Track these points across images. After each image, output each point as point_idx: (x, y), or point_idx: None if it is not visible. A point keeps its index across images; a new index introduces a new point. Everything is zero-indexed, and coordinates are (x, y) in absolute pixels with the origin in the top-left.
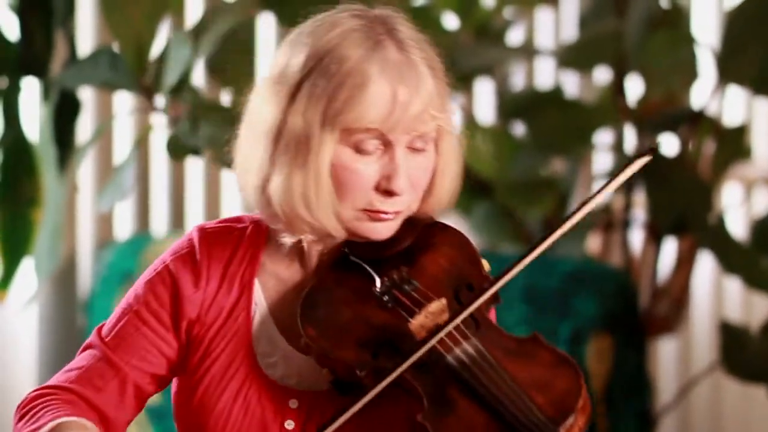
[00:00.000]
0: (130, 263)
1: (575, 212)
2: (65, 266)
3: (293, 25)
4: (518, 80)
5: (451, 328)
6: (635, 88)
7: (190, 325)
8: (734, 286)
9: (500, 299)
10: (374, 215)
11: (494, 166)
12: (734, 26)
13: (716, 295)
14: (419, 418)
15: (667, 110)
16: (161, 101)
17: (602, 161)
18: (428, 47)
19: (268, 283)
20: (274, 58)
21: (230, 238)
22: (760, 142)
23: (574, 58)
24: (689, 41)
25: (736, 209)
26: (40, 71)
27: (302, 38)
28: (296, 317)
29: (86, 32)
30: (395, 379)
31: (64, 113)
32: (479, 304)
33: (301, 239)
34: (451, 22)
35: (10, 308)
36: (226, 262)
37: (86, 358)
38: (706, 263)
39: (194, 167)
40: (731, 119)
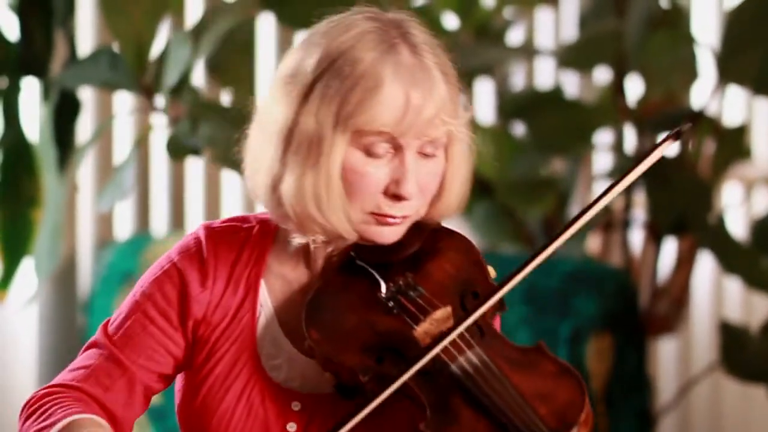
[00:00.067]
0: (130, 263)
1: (603, 196)
2: (65, 266)
3: (293, 25)
4: (518, 80)
5: (455, 335)
6: (635, 88)
7: (196, 324)
8: (734, 286)
9: (505, 307)
10: (382, 219)
11: (494, 166)
12: (734, 26)
13: (716, 295)
14: (422, 426)
15: (667, 110)
16: (161, 101)
17: (602, 161)
18: (441, 52)
19: (274, 284)
20: (286, 58)
21: (237, 238)
22: (760, 142)
23: (574, 58)
24: (689, 41)
25: (736, 209)
26: (40, 71)
27: (316, 39)
28: (301, 320)
29: (86, 32)
30: (399, 386)
31: (64, 113)
32: (484, 311)
33: (308, 241)
34: (451, 22)
35: (10, 308)
36: (232, 262)
37: (93, 356)
38: (706, 263)
39: (194, 167)
40: (731, 119)
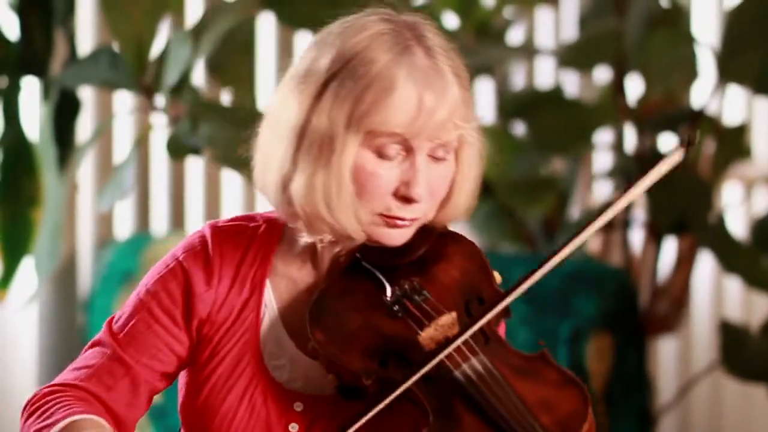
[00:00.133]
0: (130, 263)
1: (608, 207)
2: (65, 266)
3: (293, 24)
4: (518, 80)
5: (460, 342)
6: (635, 87)
7: (200, 323)
8: (734, 285)
9: (510, 313)
10: (390, 221)
11: (494, 165)
12: (734, 26)
13: (716, 294)
14: (425, 431)
15: (667, 110)
16: (161, 101)
17: (602, 161)
18: (455, 56)
19: (279, 284)
20: (299, 56)
21: (243, 237)
22: (760, 141)
23: (574, 57)
24: (689, 40)
25: (736, 208)
26: (40, 70)
27: (330, 39)
28: (305, 321)
29: (86, 31)
30: (403, 391)
31: (64, 112)
32: (489, 318)
33: (315, 241)
34: (451, 21)
35: (10, 307)
36: (238, 261)
37: (96, 355)
38: (706, 263)
39: (194, 167)
40: (731, 119)
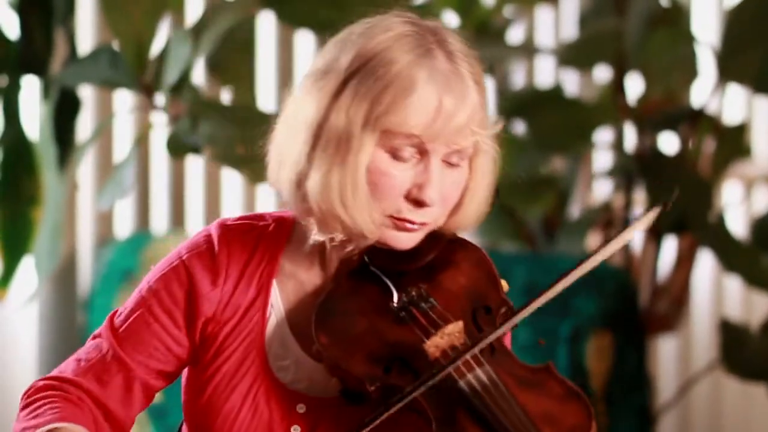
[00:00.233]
0: (130, 261)
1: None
2: (65, 264)
3: (293, 23)
4: (518, 79)
5: (468, 356)
6: (635, 86)
7: (206, 322)
8: (734, 284)
9: (518, 324)
10: (401, 224)
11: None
12: (734, 25)
13: (716, 293)
14: None
15: (667, 109)
16: (161, 99)
17: (602, 160)
18: (476, 63)
19: (286, 284)
20: (318, 54)
21: (251, 235)
22: (760, 140)
23: (574, 56)
24: (689, 39)
25: (736, 207)
26: (40, 69)
27: (352, 38)
28: (311, 323)
29: (86, 30)
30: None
31: (64, 111)
32: (498, 335)
33: (324, 242)
34: (451, 20)
35: (10, 306)
36: (245, 260)
37: (95, 349)
38: (706, 261)
39: (194, 165)
40: (731, 117)
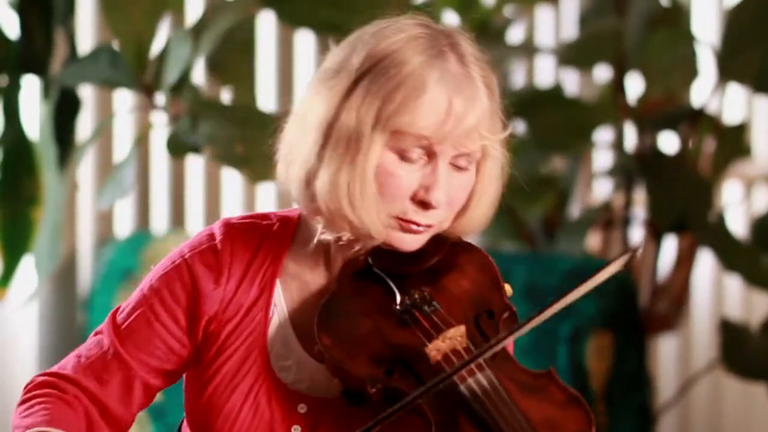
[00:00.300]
0: (130, 261)
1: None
2: (65, 264)
3: (293, 23)
4: (518, 78)
5: (472, 364)
6: (635, 86)
7: (208, 321)
8: (734, 283)
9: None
10: (406, 225)
11: None
12: (734, 24)
13: (716, 292)
14: None
15: (667, 108)
16: (161, 99)
17: (602, 159)
18: (488, 67)
19: (290, 284)
20: (330, 54)
21: (254, 234)
22: (760, 140)
23: (574, 56)
24: (689, 39)
25: (736, 207)
26: (40, 69)
27: (364, 38)
28: (314, 323)
29: (86, 30)
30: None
31: (64, 111)
32: (502, 346)
33: (329, 242)
34: (451, 20)
35: (10, 306)
36: (249, 259)
37: (96, 346)
38: (706, 261)
39: (194, 165)
40: (731, 117)
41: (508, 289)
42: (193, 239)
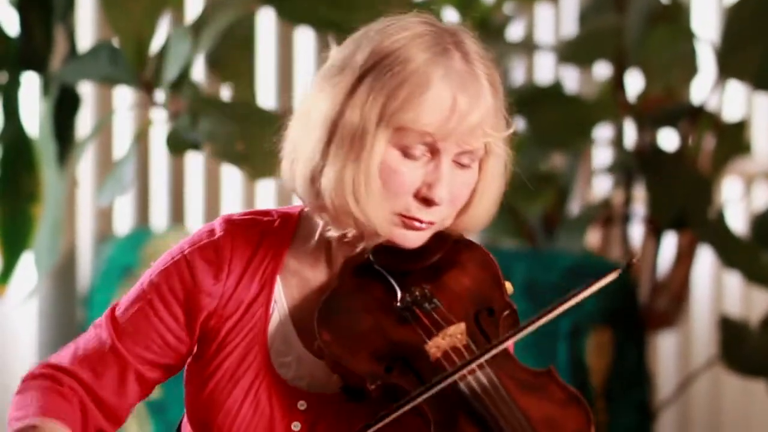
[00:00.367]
0: (129, 258)
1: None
2: (65, 261)
3: (293, 20)
4: (518, 75)
5: (474, 365)
6: (635, 83)
7: (207, 317)
8: (734, 280)
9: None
10: (408, 222)
11: None
12: (734, 21)
13: (716, 289)
14: None
15: (666, 105)
16: (161, 96)
17: (602, 156)
18: (492, 65)
19: (290, 281)
20: (334, 51)
21: (255, 231)
22: (759, 137)
23: (574, 53)
24: (689, 36)
25: (736, 204)
26: (40, 66)
27: (369, 35)
28: (314, 320)
29: (86, 27)
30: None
31: (63, 108)
32: (504, 347)
33: (330, 239)
34: (451, 17)
35: (10, 303)
36: (249, 256)
37: (94, 338)
38: (705, 258)
39: (194, 162)
40: (731, 114)
41: (508, 287)
42: (193, 235)
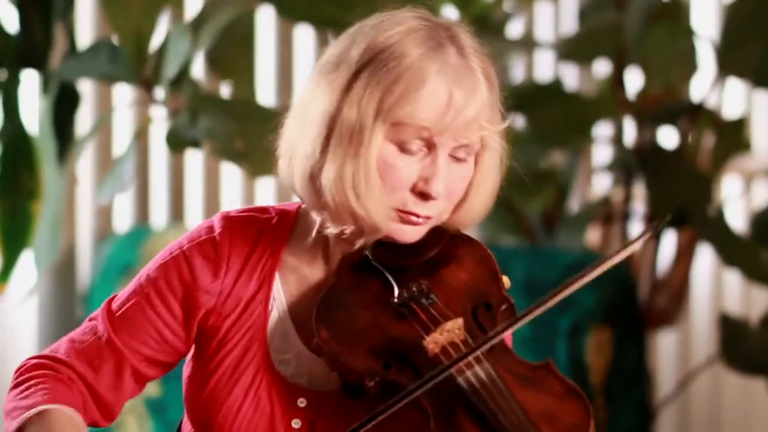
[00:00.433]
0: (129, 255)
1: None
2: (65, 258)
3: (293, 17)
4: (518, 73)
5: (471, 358)
6: (635, 80)
7: (206, 314)
8: (734, 278)
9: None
10: (405, 216)
11: None
12: (734, 19)
13: (716, 287)
14: None
15: (666, 103)
16: (161, 94)
17: (602, 154)
18: (487, 59)
19: (288, 278)
20: (329, 47)
21: (253, 228)
22: (759, 134)
23: (573, 50)
24: (689, 34)
25: (735, 202)
26: (39, 64)
27: (363, 30)
28: (312, 317)
29: (86, 25)
30: (406, 394)
31: (63, 106)
32: (500, 338)
33: (327, 236)
34: (450, 14)
35: (9, 301)
36: (247, 253)
37: (90, 332)
38: (705, 256)
39: (193, 159)
40: (731, 112)
41: (505, 281)
42: (192, 232)
